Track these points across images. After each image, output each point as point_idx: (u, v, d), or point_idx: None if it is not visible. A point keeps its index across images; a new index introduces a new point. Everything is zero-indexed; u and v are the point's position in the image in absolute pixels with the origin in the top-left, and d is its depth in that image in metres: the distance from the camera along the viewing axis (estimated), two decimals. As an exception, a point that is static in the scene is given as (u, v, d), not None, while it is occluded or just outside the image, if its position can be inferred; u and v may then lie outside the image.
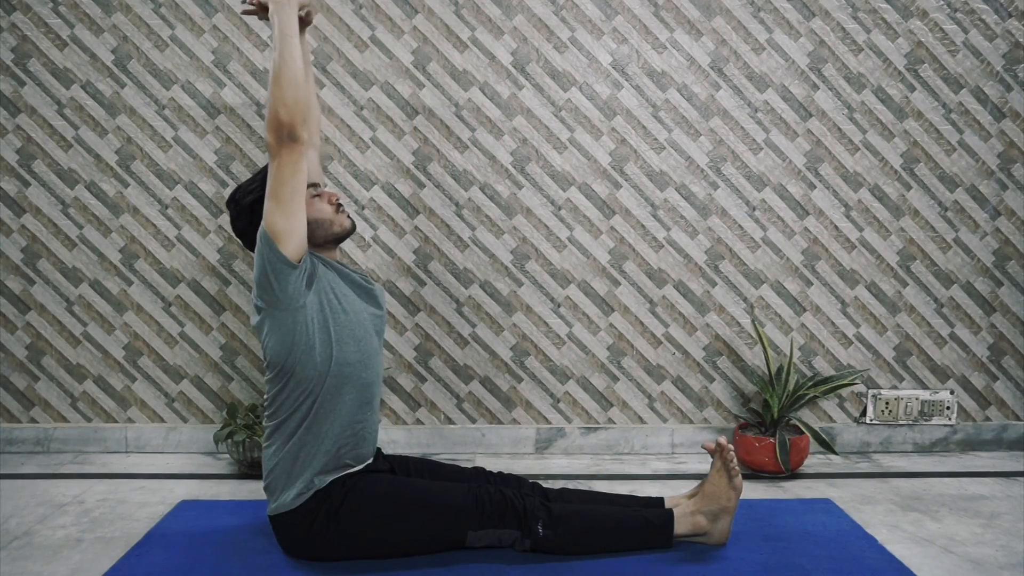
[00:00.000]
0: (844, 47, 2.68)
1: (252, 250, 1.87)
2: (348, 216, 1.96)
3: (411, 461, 2.05)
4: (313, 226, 1.86)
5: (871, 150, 2.73)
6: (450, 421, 2.79)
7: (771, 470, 2.52)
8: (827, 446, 2.52)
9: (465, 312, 2.76)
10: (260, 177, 1.89)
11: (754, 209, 2.75)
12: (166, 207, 2.70)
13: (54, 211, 2.69)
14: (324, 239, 1.91)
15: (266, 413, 1.86)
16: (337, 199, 1.94)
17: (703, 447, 1.98)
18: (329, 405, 1.81)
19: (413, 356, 2.76)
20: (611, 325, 2.78)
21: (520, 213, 2.73)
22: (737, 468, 1.91)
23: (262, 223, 1.76)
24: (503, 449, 2.79)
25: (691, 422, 2.82)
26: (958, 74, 2.70)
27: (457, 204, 2.72)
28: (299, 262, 1.76)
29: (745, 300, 2.78)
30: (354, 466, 1.86)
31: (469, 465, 2.14)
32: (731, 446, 1.93)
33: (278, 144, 1.73)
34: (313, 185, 1.93)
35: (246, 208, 1.89)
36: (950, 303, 2.79)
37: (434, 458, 2.41)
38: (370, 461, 1.92)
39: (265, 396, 1.88)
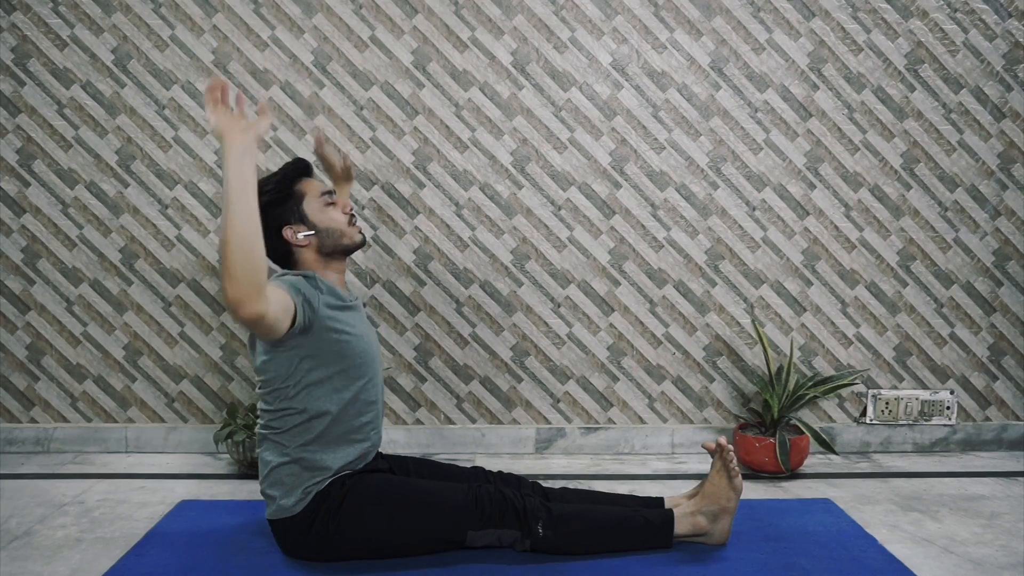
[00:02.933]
0: (844, 47, 2.68)
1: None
2: (360, 230, 1.94)
3: (410, 461, 2.05)
4: (323, 235, 1.85)
5: (871, 150, 2.73)
6: (450, 421, 2.79)
7: (771, 470, 2.52)
8: (827, 446, 2.52)
9: (465, 312, 2.76)
10: (276, 179, 1.87)
11: (754, 209, 2.75)
12: (166, 207, 2.70)
13: (54, 211, 2.69)
14: (332, 248, 1.89)
15: (260, 421, 1.86)
16: (351, 210, 1.93)
17: (703, 446, 1.98)
18: (332, 432, 1.82)
19: (413, 356, 2.76)
20: (611, 325, 2.78)
21: (520, 213, 2.73)
22: (737, 469, 1.91)
23: (258, 344, 1.75)
24: (503, 449, 2.79)
25: (691, 422, 2.82)
26: (958, 74, 2.70)
27: (457, 204, 2.72)
28: (293, 323, 1.70)
29: (745, 300, 2.78)
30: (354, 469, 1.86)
31: (469, 465, 2.13)
32: (731, 447, 1.93)
33: (238, 321, 1.51)
34: (328, 192, 1.92)
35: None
36: (950, 303, 2.79)
37: (434, 458, 2.41)
38: (368, 461, 1.92)
39: (259, 404, 1.87)
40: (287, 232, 1.85)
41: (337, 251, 1.90)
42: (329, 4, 2.63)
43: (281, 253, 1.88)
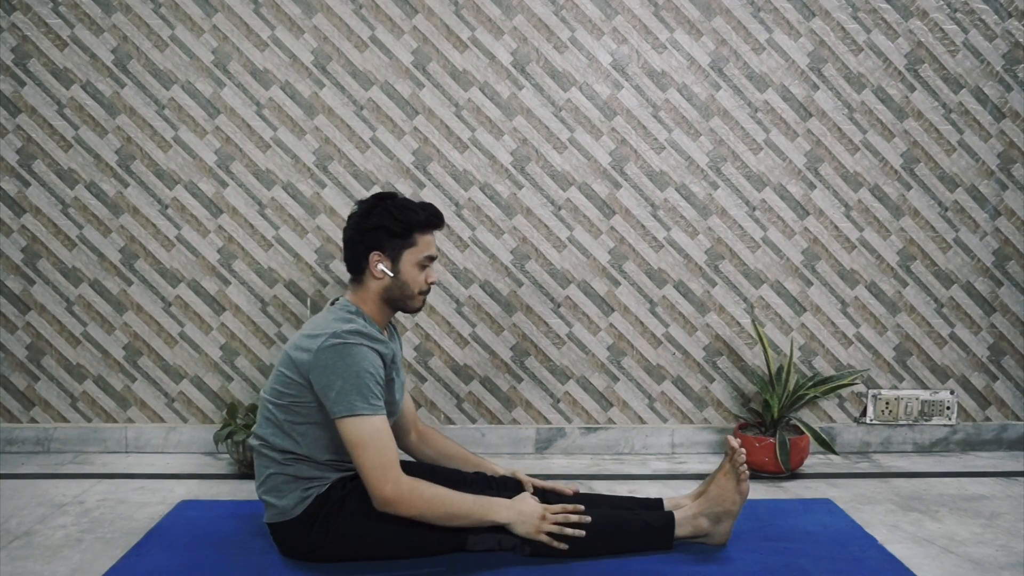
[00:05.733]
0: (844, 47, 2.68)
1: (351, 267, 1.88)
2: (423, 303, 1.92)
3: (412, 466, 2.05)
4: (397, 283, 1.85)
5: (871, 150, 2.73)
6: (450, 421, 2.79)
7: (771, 470, 2.52)
8: (827, 446, 2.52)
9: (465, 312, 2.76)
10: (409, 214, 1.86)
11: (754, 209, 2.75)
12: (166, 207, 2.70)
13: (54, 211, 2.69)
14: (393, 298, 1.87)
15: (256, 432, 1.85)
16: (433, 284, 1.92)
17: (727, 439, 1.94)
18: (328, 463, 1.83)
19: (414, 356, 2.76)
20: (611, 325, 2.78)
21: (520, 213, 2.73)
22: (747, 472, 1.89)
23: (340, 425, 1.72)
24: (503, 449, 2.79)
25: (691, 422, 2.82)
26: (958, 74, 2.70)
27: (457, 204, 2.72)
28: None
29: (745, 300, 2.78)
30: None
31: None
32: (743, 450, 1.91)
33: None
34: (432, 257, 1.90)
35: (349, 239, 1.89)
36: (950, 303, 2.80)
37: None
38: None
39: (261, 413, 1.86)
40: (374, 257, 1.85)
41: (394, 303, 1.89)
42: (329, 4, 2.63)
43: (358, 264, 1.88)
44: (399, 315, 2.72)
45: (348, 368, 1.70)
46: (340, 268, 2.71)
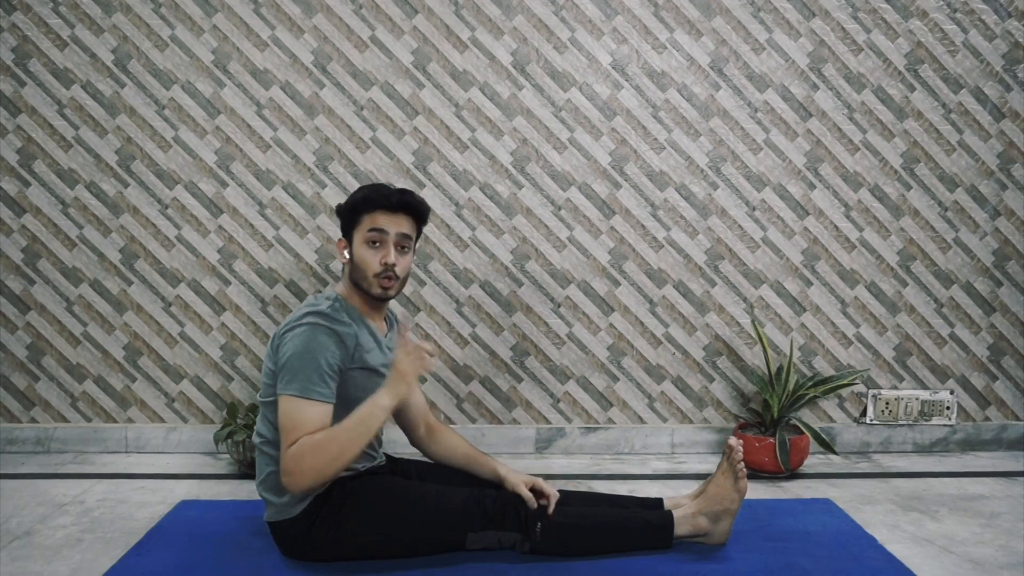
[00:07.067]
0: (844, 47, 2.68)
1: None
2: (385, 287, 1.84)
3: (412, 464, 2.05)
4: (354, 267, 1.85)
5: (871, 150, 2.73)
6: (450, 421, 2.79)
7: (771, 470, 2.52)
8: (827, 446, 2.52)
9: (466, 312, 2.76)
10: (359, 197, 1.86)
11: (754, 209, 2.75)
12: (166, 207, 2.70)
13: (54, 211, 2.69)
14: (355, 282, 1.86)
15: (256, 429, 1.85)
16: (389, 266, 1.83)
17: (728, 441, 1.94)
18: None
19: (413, 356, 2.76)
20: (611, 325, 2.78)
21: (520, 213, 2.73)
22: (744, 470, 1.90)
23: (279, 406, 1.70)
24: (503, 449, 2.79)
25: (691, 422, 2.82)
26: (958, 74, 2.70)
27: (457, 204, 2.72)
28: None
29: (745, 300, 2.78)
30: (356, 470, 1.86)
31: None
32: (740, 448, 1.92)
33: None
34: (377, 230, 1.83)
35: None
36: (950, 303, 2.80)
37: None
38: (372, 464, 1.92)
39: (260, 411, 1.86)
40: (339, 243, 1.91)
41: (358, 287, 1.87)
42: (329, 4, 2.63)
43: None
44: (397, 310, 2.72)
45: (296, 348, 1.70)
46: (340, 268, 2.71)
